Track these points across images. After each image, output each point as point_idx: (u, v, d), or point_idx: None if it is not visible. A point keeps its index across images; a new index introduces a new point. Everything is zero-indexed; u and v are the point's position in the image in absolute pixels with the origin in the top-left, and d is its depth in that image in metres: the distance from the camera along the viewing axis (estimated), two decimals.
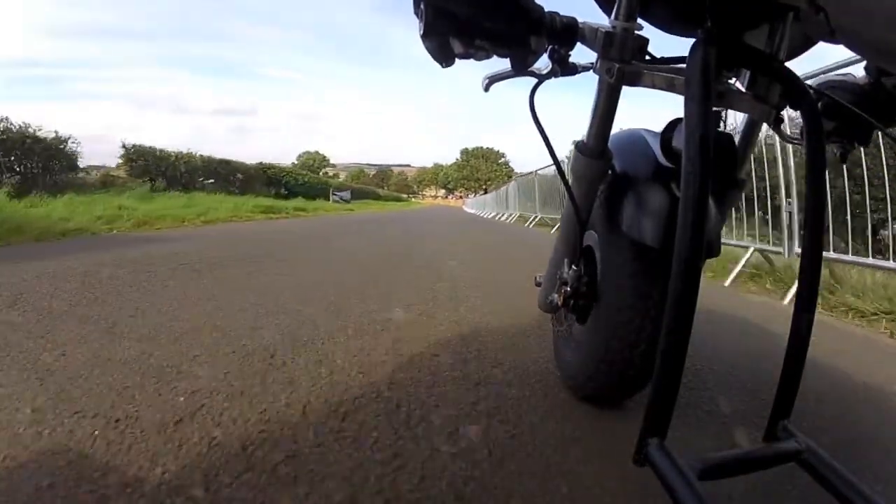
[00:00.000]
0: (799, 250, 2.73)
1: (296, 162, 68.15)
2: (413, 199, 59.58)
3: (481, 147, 72.50)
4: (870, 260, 2.36)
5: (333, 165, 73.84)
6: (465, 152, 72.92)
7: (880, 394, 1.19)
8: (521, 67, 0.66)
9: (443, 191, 73.02)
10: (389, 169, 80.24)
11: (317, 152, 73.87)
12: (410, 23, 0.59)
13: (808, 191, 0.55)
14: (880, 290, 2.25)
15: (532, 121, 0.75)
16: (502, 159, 70.20)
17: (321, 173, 56.16)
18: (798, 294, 0.54)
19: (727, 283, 2.89)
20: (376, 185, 65.70)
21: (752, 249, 3.12)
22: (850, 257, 2.51)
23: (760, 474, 0.57)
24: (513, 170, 62.78)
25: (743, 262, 3.04)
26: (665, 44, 0.69)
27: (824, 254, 2.07)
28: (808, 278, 0.54)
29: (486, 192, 17.77)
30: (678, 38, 0.71)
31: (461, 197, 61.68)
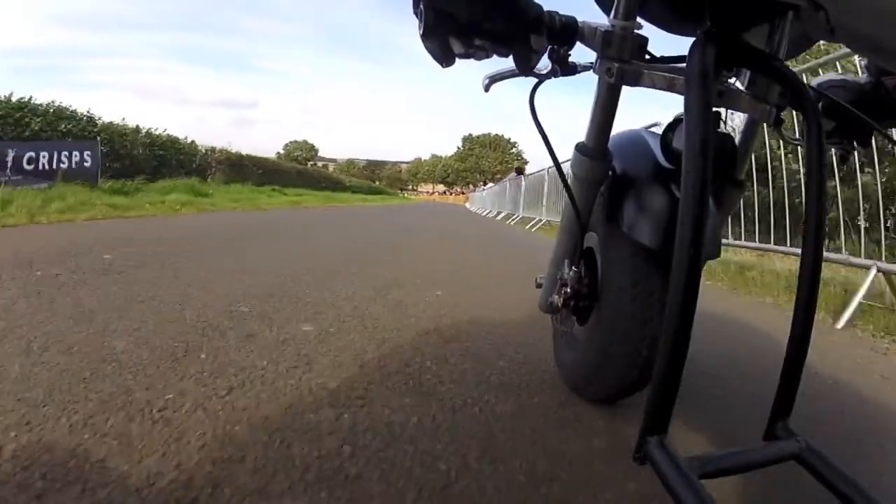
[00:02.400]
0: None
1: (281, 152, 61.98)
2: (405, 195, 52.54)
3: (488, 134, 60.23)
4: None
5: (334, 160, 67.83)
6: (467, 140, 61.12)
7: None
8: (521, 67, 0.66)
9: (441, 186, 62.99)
10: (383, 162, 71.05)
11: (305, 141, 66.03)
12: (413, 21, 0.59)
13: (809, 191, 0.55)
14: None
15: (532, 120, 0.75)
16: (514, 149, 58.61)
17: (309, 165, 51.10)
18: (798, 294, 0.54)
19: (840, 324, 1.84)
20: (366, 177, 59.38)
21: (874, 271, 2.02)
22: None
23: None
24: (527, 162, 53.23)
25: (863, 290, 1.95)
26: (665, 43, 0.69)
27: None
28: (808, 279, 0.54)
29: (519, 173, 12.02)
30: (678, 37, 0.71)
31: (463, 192, 51.78)
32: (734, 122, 2.50)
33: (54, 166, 6.73)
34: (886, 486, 0.74)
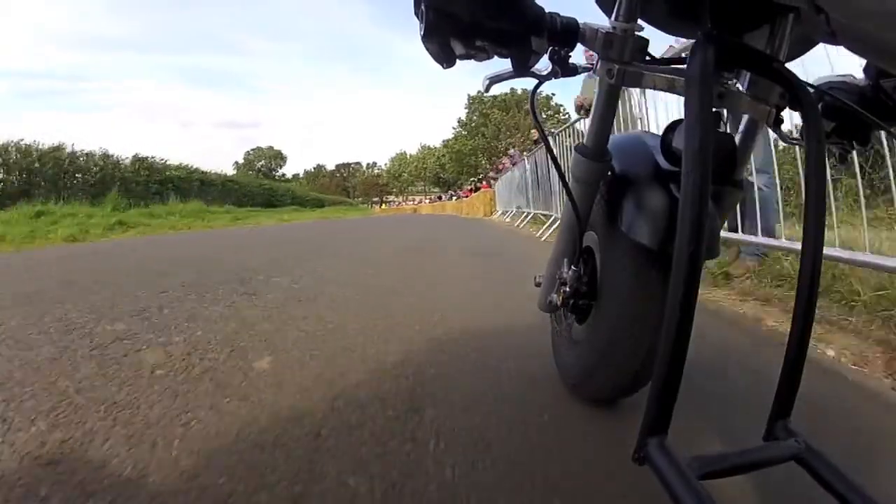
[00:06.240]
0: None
1: (240, 161, 52.47)
2: (384, 206, 41.79)
3: (513, 91, 35.11)
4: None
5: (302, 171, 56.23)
6: (476, 102, 36.92)
7: None
8: (521, 68, 0.66)
9: (423, 198, 42.30)
10: (356, 164, 56.73)
11: (270, 148, 54.95)
12: (405, 25, 0.56)
13: (808, 191, 0.55)
14: None
15: (532, 120, 0.75)
16: (554, 102, 33.76)
17: (277, 176, 45.26)
18: (797, 294, 0.55)
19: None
20: (336, 185, 51.26)
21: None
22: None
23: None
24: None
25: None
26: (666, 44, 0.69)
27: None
28: (808, 278, 0.54)
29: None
30: (678, 39, 0.71)
31: (477, 188, 21.75)
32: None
33: None
34: None
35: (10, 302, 1.74)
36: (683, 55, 0.66)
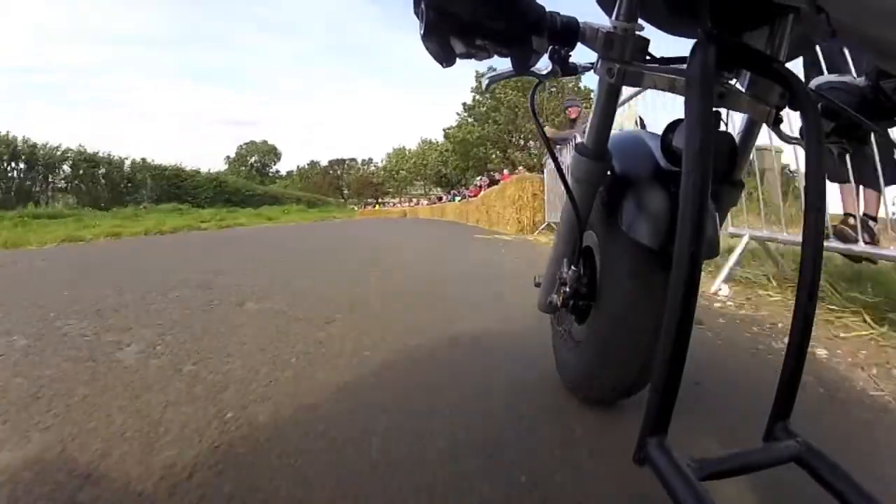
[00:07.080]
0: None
1: (231, 156, 51.99)
2: (378, 207, 38.68)
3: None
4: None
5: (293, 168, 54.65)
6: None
7: None
8: (521, 67, 0.65)
9: (429, 192, 37.72)
10: (350, 160, 53.85)
11: (265, 142, 53.28)
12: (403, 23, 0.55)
13: (808, 191, 0.55)
14: None
15: (532, 120, 0.75)
16: (583, 85, 23.20)
17: (271, 172, 43.92)
18: (798, 292, 0.54)
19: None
20: (329, 184, 49.09)
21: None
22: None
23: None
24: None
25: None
26: (666, 44, 0.69)
27: None
28: (809, 276, 0.54)
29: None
30: (678, 38, 0.71)
31: (494, 180, 13.05)
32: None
33: None
34: None
35: None
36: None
